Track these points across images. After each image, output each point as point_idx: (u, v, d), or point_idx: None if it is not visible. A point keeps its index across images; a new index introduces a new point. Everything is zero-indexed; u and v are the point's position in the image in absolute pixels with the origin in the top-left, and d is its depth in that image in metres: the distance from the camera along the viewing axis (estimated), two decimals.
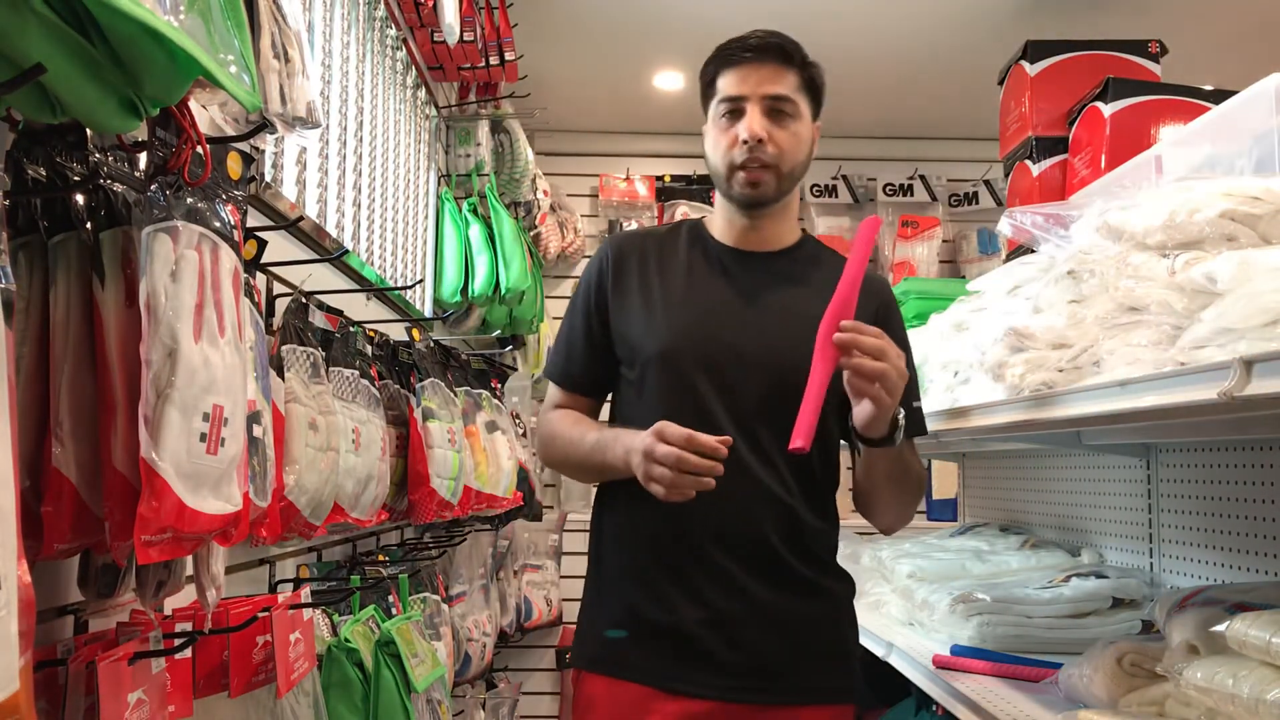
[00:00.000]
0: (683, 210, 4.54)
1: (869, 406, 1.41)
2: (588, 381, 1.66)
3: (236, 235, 1.05)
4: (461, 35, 2.96)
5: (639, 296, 1.60)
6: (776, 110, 1.54)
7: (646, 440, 1.39)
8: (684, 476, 1.35)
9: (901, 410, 1.46)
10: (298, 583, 1.77)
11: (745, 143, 1.52)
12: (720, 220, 1.65)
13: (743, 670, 1.51)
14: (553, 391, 1.69)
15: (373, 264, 2.72)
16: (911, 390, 1.57)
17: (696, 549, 1.52)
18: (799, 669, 1.53)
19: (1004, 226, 1.68)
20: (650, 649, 1.53)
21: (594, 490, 1.72)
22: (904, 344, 1.61)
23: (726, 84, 1.56)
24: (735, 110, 1.55)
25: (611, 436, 1.52)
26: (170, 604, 1.19)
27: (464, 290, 3.36)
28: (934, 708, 2.05)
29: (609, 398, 1.71)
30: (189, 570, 1.06)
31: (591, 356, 1.64)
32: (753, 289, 1.58)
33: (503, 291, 3.39)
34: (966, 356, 1.91)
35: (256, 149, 1.56)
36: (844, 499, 1.65)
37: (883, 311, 1.61)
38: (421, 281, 3.31)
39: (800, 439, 1.33)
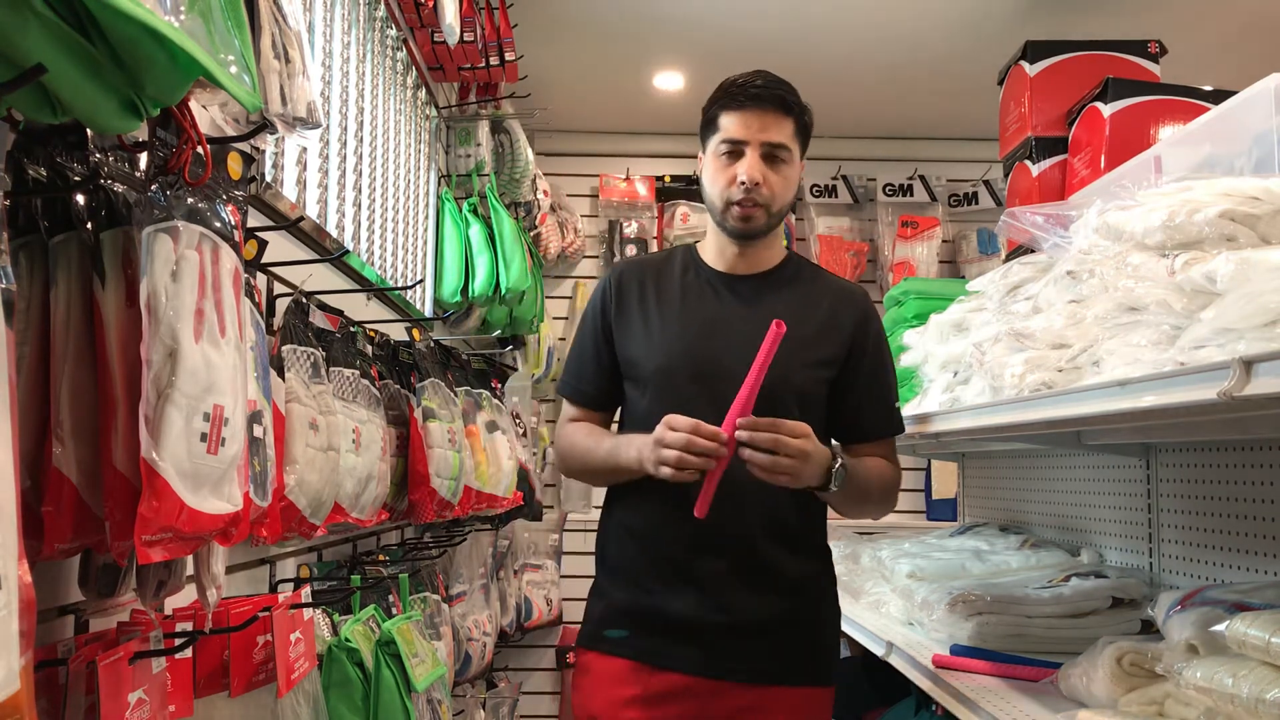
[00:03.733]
0: (682, 210, 4.54)
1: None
2: (598, 397, 1.81)
3: (237, 235, 1.05)
4: (461, 36, 2.96)
5: (639, 319, 1.74)
6: (773, 156, 1.68)
7: (657, 431, 1.54)
8: (689, 457, 1.49)
9: (838, 460, 1.58)
10: (298, 582, 1.77)
11: (743, 184, 1.66)
12: (712, 247, 1.80)
13: (725, 653, 1.66)
14: (567, 408, 1.85)
15: (373, 264, 2.72)
16: (889, 391, 1.77)
17: (689, 546, 1.65)
18: (779, 654, 1.67)
19: (1004, 226, 1.68)
20: (642, 630, 1.68)
21: (593, 491, 1.79)
22: (880, 352, 1.77)
23: (729, 125, 1.68)
24: (735, 151, 1.67)
25: (625, 440, 1.66)
26: (171, 604, 1.19)
27: (464, 290, 3.36)
28: (934, 708, 2.05)
29: (618, 411, 1.85)
30: (189, 570, 1.06)
31: (600, 374, 1.79)
32: (742, 307, 1.74)
33: (503, 291, 3.39)
34: (966, 356, 1.91)
35: (257, 149, 1.56)
36: None
37: (860, 322, 1.75)
38: (421, 281, 3.31)
39: (700, 508, 1.51)
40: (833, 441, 1.76)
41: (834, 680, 1.73)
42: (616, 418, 1.86)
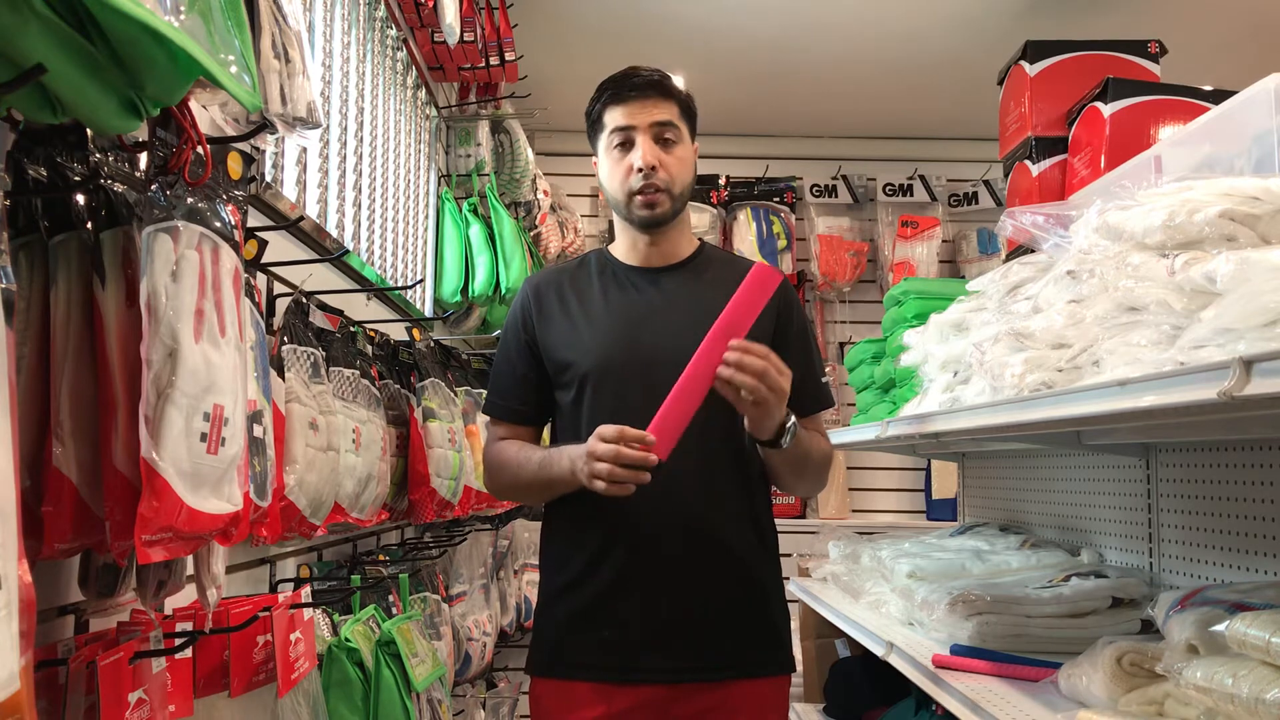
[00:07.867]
0: None
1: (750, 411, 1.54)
2: (527, 412, 1.78)
3: (237, 235, 1.05)
4: (462, 36, 2.96)
5: (564, 323, 1.73)
6: (663, 138, 1.69)
7: (589, 443, 1.51)
8: (619, 470, 1.46)
9: (791, 416, 1.58)
10: (298, 582, 1.77)
11: (640, 170, 1.67)
12: (623, 244, 1.79)
13: (689, 652, 1.62)
14: (493, 428, 1.81)
15: (373, 264, 2.72)
16: (817, 367, 1.80)
17: (636, 546, 1.63)
18: (738, 648, 1.65)
19: (1004, 226, 1.68)
20: (597, 646, 1.64)
21: None
22: (805, 331, 1.80)
23: (615, 117, 1.70)
24: (626, 141, 1.69)
25: (556, 452, 1.63)
26: (171, 603, 1.19)
27: (464, 290, 3.36)
28: (934, 708, 2.05)
29: (547, 427, 1.82)
30: (189, 570, 1.06)
31: (528, 389, 1.76)
32: (663, 298, 1.73)
33: (503, 291, 3.39)
34: (966, 356, 1.91)
35: (257, 149, 1.56)
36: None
37: (784, 302, 1.74)
38: (421, 281, 3.31)
39: (662, 449, 1.46)
40: None
41: (791, 667, 1.73)
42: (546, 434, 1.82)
